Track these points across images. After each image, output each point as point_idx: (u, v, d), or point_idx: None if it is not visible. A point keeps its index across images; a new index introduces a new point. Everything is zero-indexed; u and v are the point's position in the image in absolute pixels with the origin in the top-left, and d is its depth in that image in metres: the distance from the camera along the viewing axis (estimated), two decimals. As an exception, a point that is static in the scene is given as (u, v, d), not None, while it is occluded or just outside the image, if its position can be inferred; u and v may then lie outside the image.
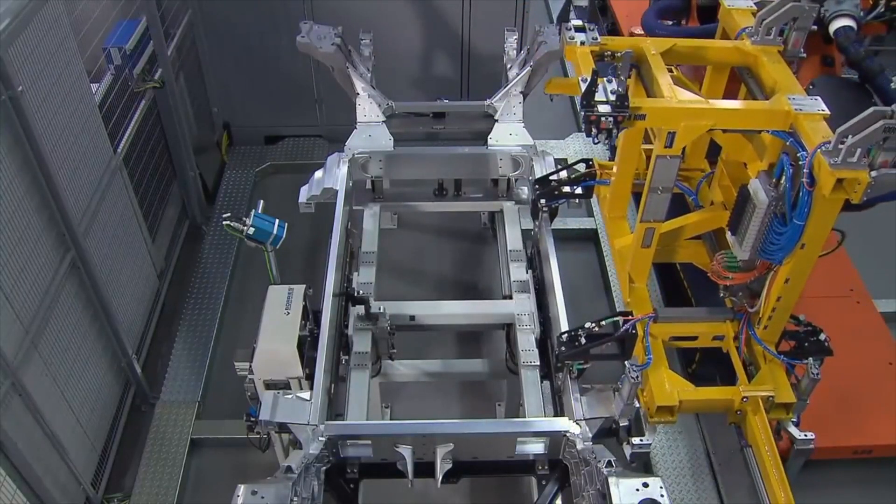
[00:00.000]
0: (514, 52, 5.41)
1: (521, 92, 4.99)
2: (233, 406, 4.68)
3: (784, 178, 3.40)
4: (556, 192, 4.43)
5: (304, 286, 3.96)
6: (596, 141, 3.54)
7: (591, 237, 6.28)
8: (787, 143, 3.42)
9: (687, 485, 4.58)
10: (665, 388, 3.82)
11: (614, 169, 4.61)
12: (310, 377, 3.60)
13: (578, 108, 3.51)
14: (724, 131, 3.91)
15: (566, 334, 3.54)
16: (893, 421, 4.46)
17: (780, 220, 3.48)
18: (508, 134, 4.96)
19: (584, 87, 3.44)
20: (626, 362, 3.20)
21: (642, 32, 6.95)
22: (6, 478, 3.54)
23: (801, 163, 3.26)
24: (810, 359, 3.73)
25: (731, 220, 3.80)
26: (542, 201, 4.37)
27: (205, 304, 5.62)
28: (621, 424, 3.26)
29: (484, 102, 5.05)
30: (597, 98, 3.43)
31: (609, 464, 2.94)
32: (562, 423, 3.25)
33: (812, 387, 3.73)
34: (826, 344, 3.83)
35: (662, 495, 2.75)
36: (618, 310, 5.54)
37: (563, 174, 4.49)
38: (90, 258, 4.33)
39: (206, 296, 5.69)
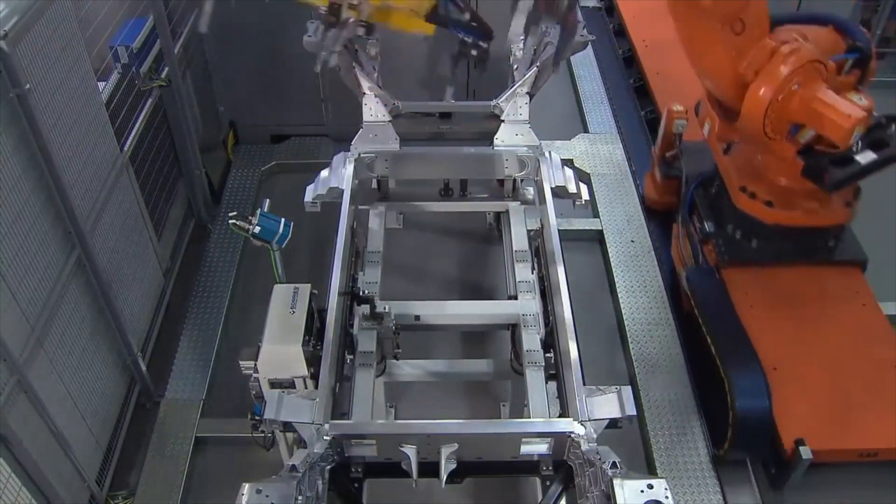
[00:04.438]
0: (521, 52, 5.40)
1: (528, 92, 4.99)
2: (237, 405, 4.68)
3: None
4: None
5: (309, 285, 3.97)
6: None
7: (596, 238, 6.27)
8: None
9: (690, 486, 4.57)
10: None
11: None
12: (314, 376, 3.60)
13: None
14: None
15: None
16: (899, 424, 4.45)
17: None
18: (514, 134, 4.95)
19: None
20: None
21: (645, 42, 6.91)
22: (11, 475, 3.55)
23: None
24: None
25: None
26: None
27: (210, 303, 5.63)
28: None
29: (490, 103, 5.04)
30: None
31: (614, 465, 2.92)
32: (566, 424, 3.24)
33: None
34: None
35: (667, 497, 2.74)
36: (622, 311, 5.55)
37: None
38: (96, 256, 4.34)
39: (212, 294, 5.69)
